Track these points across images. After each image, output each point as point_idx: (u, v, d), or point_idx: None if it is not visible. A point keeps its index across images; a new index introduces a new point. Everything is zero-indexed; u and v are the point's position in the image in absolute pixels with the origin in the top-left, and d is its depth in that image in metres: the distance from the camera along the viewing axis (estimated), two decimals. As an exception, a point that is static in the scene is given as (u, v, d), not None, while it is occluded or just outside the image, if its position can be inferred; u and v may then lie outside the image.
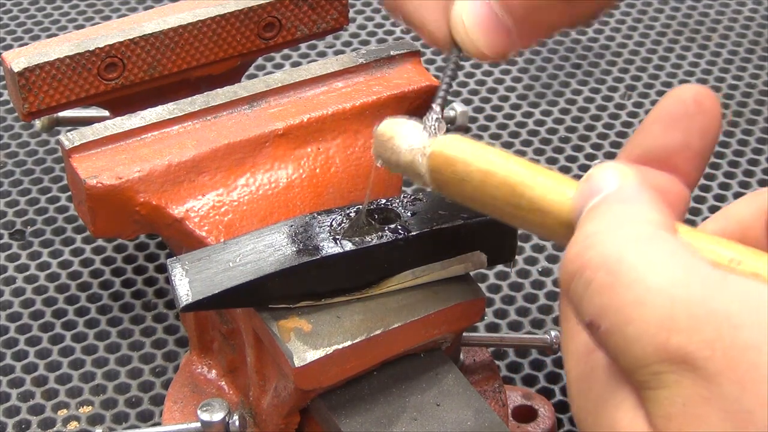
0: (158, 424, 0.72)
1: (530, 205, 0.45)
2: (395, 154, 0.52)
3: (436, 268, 0.61)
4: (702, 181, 0.90)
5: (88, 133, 0.66)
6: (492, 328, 0.79)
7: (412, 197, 0.62)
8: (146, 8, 1.07)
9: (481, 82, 1.00)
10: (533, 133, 0.95)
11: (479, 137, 0.94)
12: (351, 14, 1.07)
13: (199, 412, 0.64)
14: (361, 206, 0.60)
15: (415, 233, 0.59)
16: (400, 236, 0.59)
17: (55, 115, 0.84)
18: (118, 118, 0.67)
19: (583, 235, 0.40)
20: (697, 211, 0.88)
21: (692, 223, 0.86)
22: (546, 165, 0.91)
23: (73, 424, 0.73)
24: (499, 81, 1.00)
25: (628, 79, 1.00)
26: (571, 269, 0.40)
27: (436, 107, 0.54)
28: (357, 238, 0.59)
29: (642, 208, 0.41)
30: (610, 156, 0.92)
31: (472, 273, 0.62)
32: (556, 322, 0.79)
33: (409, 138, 0.52)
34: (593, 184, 0.43)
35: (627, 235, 0.39)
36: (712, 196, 0.89)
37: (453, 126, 0.94)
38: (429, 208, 0.61)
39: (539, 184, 0.45)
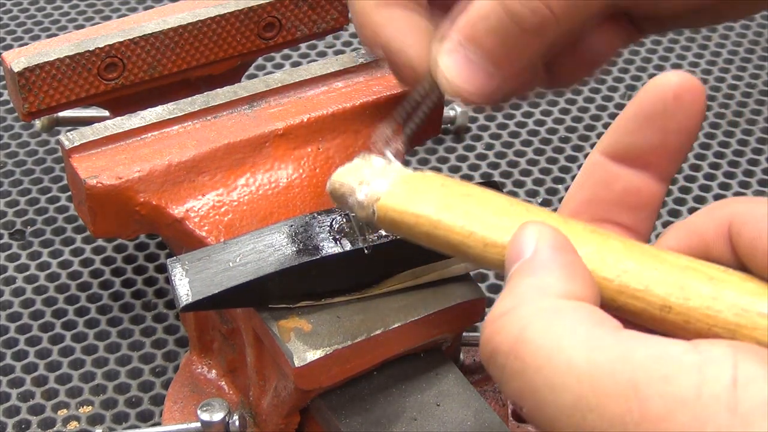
0: (158, 424, 0.72)
1: (475, 261, 0.47)
2: (352, 209, 0.52)
3: (436, 268, 0.61)
4: (702, 181, 0.90)
5: (88, 133, 0.66)
6: (492, 328, 0.79)
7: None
8: (146, 8, 1.07)
9: (481, 82, 1.00)
10: (533, 133, 0.95)
11: (479, 137, 0.94)
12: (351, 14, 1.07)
13: (199, 412, 0.65)
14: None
15: (415, 233, 0.59)
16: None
17: (55, 115, 0.84)
18: (118, 118, 0.67)
19: (493, 316, 0.41)
20: (696, 210, 0.88)
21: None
22: (545, 165, 0.91)
23: (73, 424, 0.73)
24: (499, 81, 1.00)
25: (628, 79, 1.00)
26: (485, 353, 0.41)
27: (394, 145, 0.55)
28: (357, 238, 0.59)
29: (549, 278, 0.41)
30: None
31: (472, 273, 0.62)
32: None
33: (357, 195, 0.51)
34: (515, 247, 0.43)
35: (531, 314, 0.40)
36: (712, 196, 0.89)
37: (453, 126, 0.94)
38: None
39: (476, 242, 0.46)
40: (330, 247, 0.58)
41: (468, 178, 0.90)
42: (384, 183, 0.50)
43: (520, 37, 0.53)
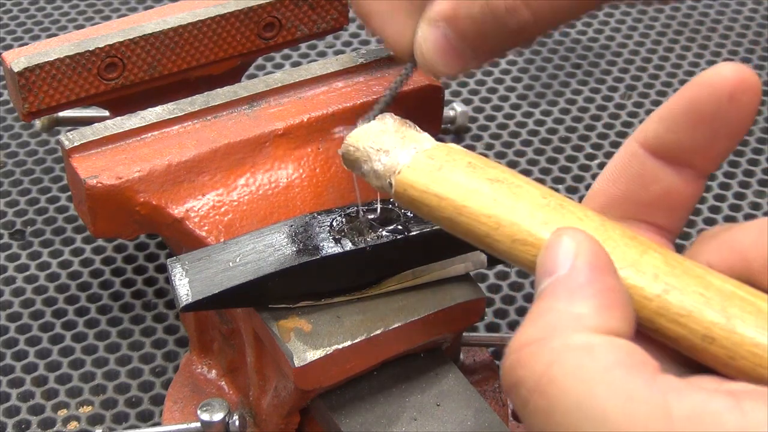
0: (158, 424, 0.72)
1: (500, 255, 0.43)
2: (365, 177, 0.48)
3: (436, 268, 0.61)
4: (702, 181, 0.90)
5: (88, 133, 0.66)
6: (492, 328, 0.79)
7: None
8: (146, 8, 1.07)
9: (481, 82, 1.00)
10: (533, 133, 0.95)
11: (479, 137, 0.94)
12: (351, 14, 1.07)
13: (199, 412, 0.65)
14: (361, 206, 0.60)
15: (415, 233, 0.59)
16: (400, 236, 0.59)
17: (55, 115, 0.84)
18: (118, 118, 0.67)
19: (518, 343, 0.38)
20: (697, 211, 0.88)
21: (691, 224, 0.86)
22: (545, 165, 0.91)
23: (73, 424, 0.73)
24: (499, 81, 1.00)
25: (628, 79, 1.00)
26: (507, 382, 0.38)
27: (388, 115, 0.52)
28: (357, 238, 0.59)
29: (584, 307, 0.38)
30: (609, 156, 0.92)
31: (472, 273, 0.62)
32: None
33: (373, 163, 0.47)
34: (549, 258, 0.40)
35: (560, 349, 0.37)
36: (712, 197, 0.89)
37: (453, 126, 0.94)
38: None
39: (504, 236, 0.42)
40: (330, 247, 0.58)
41: (468, 178, 0.90)
42: (406, 154, 0.46)
43: (500, 33, 0.53)
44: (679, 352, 0.40)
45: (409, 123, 0.49)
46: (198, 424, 0.65)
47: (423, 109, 0.72)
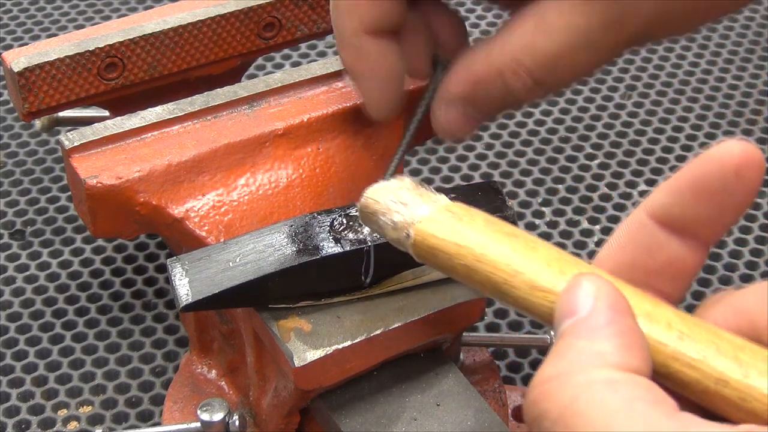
0: (158, 424, 0.72)
1: (516, 303, 0.44)
2: (381, 230, 0.49)
3: (436, 268, 0.61)
4: (702, 181, 0.90)
5: (88, 133, 0.66)
6: (492, 328, 0.79)
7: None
8: (146, 8, 1.07)
9: (481, 82, 1.00)
10: (533, 133, 0.95)
11: (479, 137, 0.94)
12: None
13: (199, 412, 0.65)
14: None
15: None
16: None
17: (55, 115, 0.84)
18: (118, 118, 0.67)
19: (542, 378, 0.39)
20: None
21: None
22: (545, 165, 0.91)
23: (73, 424, 0.73)
24: (499, 81, 1.00)
25: (628, 79, 1.00)
26: (530, 415, 0.39)
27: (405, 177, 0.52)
28: (357, 238, 0.59)
29: (606, 345, 0.39)
30: (609, 156, 0.92)
31: (472, 273, 0.62)
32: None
33: (392, 215, 0.48)
34: (569, 300, 0.41)
35: (584, 383, 0.38)
36: (712, 196, 0.89)
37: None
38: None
39: (523, 284, 0.43)
40: (330, 247, 0.58)
41: (468, 178, 0.90)
42: (425, 207, 0.47)
43: (512, 101, 0.59)
44: (687, 400, 0.41)
45: (425, 184, 0.51)
46: (198, 424, 0.65)
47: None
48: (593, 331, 0.39)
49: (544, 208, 0.88)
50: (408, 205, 0.48)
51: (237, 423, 0.64)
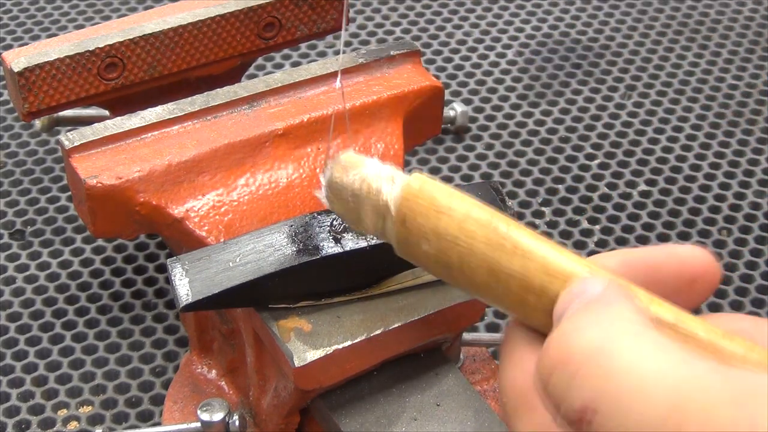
0: (158, 424, 0.72)
1: (511, 301, 0.44)
2: (359, 203, 0.47)
3: (436, 268, 0.60)
4: (702, 181, 0.90)
5: (88, 133, 0.66)
6: (492, 328, 0.79)
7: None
8: (146, 8, 1.07)
9: (481, 82, 1.00)
10: (533, 133, 0.95)
11: (479, 137, 0.94)
12: (351, 14, 1.07)
13: (199, 412, 0.65)
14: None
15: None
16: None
17: (55, 115, 0.84)
18: (118, 118, 0.67)
19: (564, 329, 0.39)
20: (697, 211, 0.88)
21: (691, 224, 0.86)
22: (545, 165, 0.91)
23: (73, 424, 0.73)
24: (499, 81, 1.00)
25: (628, 79, 1.00)
26: (550, 362, 0.38)
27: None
28: (357, 238, 0.59)
29: (626, 308, 0.39)
30: (609, 155, 0.92)
31: (472, 273, 0.62)
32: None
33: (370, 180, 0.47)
34: (576, 290, 0.41)
35: (612, 329, 0.38)
36: (712, 196, 0.89)
37: (453, 126, 0.94)
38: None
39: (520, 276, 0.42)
40: (330, 247, 0.58)
41: (468, 178, 0.90)
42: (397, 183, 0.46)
43: None
44: None
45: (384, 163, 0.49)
46: (198, 424, 0.65)
47: (423, 109, 0.72)
48: (610, 302, 0.40)
49: (544, 208, 0.88)
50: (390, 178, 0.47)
51: (237, 423, 0.64)
